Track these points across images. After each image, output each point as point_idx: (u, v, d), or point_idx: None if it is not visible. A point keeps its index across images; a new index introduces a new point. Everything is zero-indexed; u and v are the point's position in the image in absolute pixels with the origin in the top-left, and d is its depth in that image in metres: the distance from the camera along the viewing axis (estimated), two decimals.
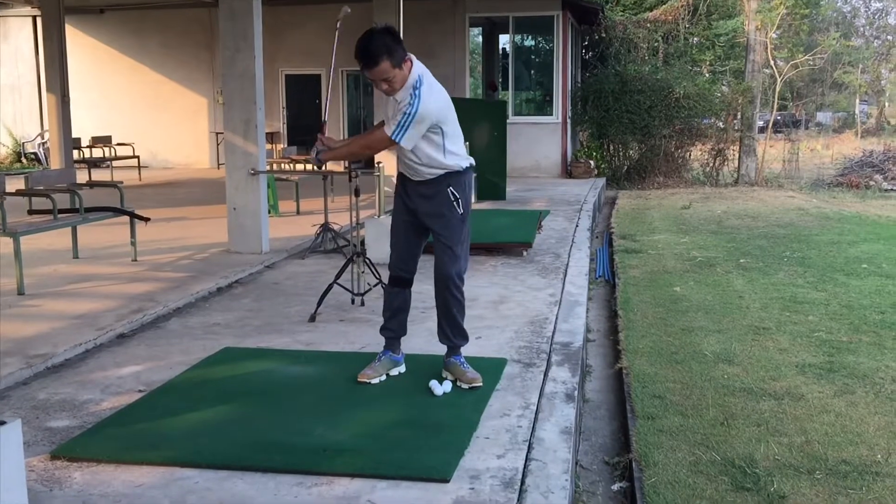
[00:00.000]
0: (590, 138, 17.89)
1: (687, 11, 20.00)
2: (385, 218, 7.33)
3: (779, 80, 20.51)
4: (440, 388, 3.90)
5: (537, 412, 3.75)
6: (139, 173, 15.36)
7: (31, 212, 7.10)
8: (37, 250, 7.54)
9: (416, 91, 3.69)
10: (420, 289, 4.40)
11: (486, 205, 11.09)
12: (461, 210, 3.95)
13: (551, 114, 16.36)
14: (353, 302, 5.71)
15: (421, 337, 4.77)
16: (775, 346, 5.58)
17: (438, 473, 3.06)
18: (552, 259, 7.51)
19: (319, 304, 5.43)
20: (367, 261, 5.71)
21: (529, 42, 18.08)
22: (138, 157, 15.56)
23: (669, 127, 17.46)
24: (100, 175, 14.08)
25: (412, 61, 3.76)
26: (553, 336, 5.00)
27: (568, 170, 16.17)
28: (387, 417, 3.63)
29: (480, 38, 20.75)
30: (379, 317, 4.30)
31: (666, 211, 13.28)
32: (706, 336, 5.83)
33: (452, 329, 4.07)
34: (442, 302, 4.04)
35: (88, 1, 16.80)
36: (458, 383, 3.97)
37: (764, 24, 18.91)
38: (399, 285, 4.12)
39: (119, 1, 17.13)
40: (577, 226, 9.60)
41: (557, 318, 5.41)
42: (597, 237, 10.80)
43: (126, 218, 7.41)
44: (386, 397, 3.89)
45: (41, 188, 7.25)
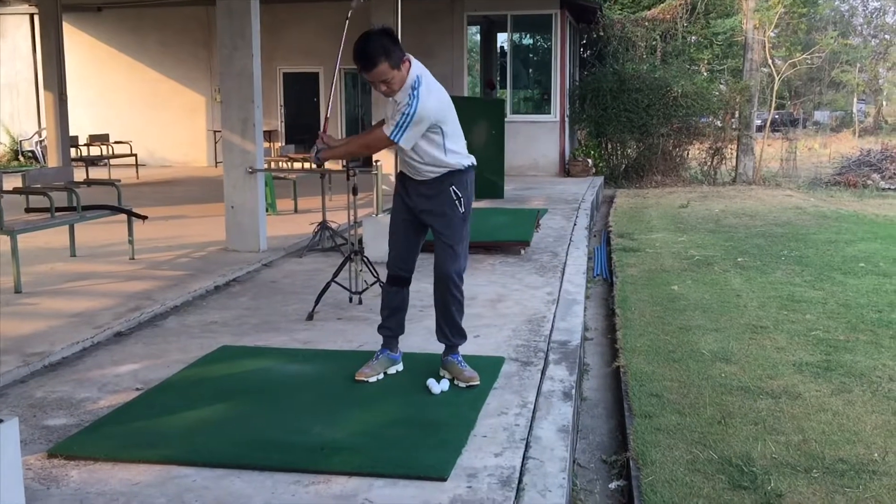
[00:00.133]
0: (588, 137, 17.90)
1: (685, 10, 20.00)
2: (383, 216, 7.33)
3: (777, 79, 20.52)
4: (438, 387, 3.91)
5: (535, 410, 3.75)
6: (137, 171, 15.35)
7: (29, 210, 7.10)
8: (34, 248, 7.54)
9: (415, 92, 3.69)
10: (418, 287, 4.40)
11: (484, 203, 11.08)
12: (462, 209, 3.95)
13: (549, 112, 16.36)
14: (351, 300, 5.71)
15: (419, 335, 4.77)
16: (773, 345, 5.59)
17: (436, 472, 3.06)
18: (550, 258, 7.51)
19: (317, 303, 5.42)
20: (365, 259, 5.72)
21: (527, 40, 18.07)
22: (136, 156, 15.56)
23: (667, 126, 17.47)
24: (97, 173, 14.08)
25: (410, 62, 3.75)
26: (551, 334, 5.00)
27: (566, 168, 16.18)
28: (384, 416, 3.64)
29: (478, 37, 20.75)
30: (377, 315, 4.31)
31: (664, 210, 13.28)
32: (704, 335, 5.83)
33: (451, 328, 4.08)
34: (441, 301, 4.04)
35: None
36: (456, 382, 3.97)
37: (762, 23, 18.92)
38: (398, 284, 4.12)
39: None
40: (575, 224, 9.61)
41: (555, 317, 5.42)
42: (595, 236, 10.79)
43: (123, 216, 7.41)
44: (383, 396, 3.89)
45: (38, 186, 7.25)
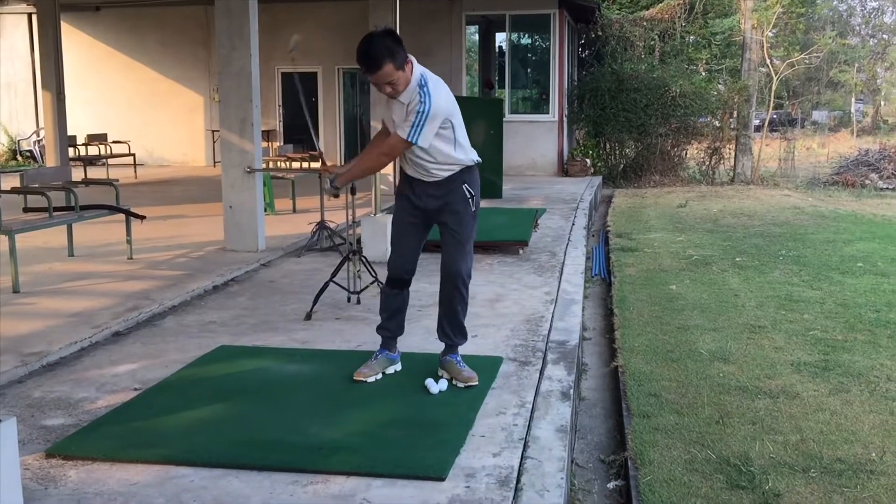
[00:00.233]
0: (586, 136, 17.90)
1: (683, 10, 20.01)
2: (381, 216, 7.33)
3: (775, 79, 20.52)
4: (436, 387, 3.90)
5: (533, 410, 3.75)
6: (135, 171, 15.35)
7: (27, 210, 7.10)
8: (32, 248, 7.53)
9: (424, 89, 3.69)
10: (416, 287, 4.39)
11: (483, 203, 10.91)
12: (473, 207, 3.98)
13: (548, 112, 16.37)
14: (349, 300, 5.71)
15: (417, 335, 4.77)
16: (771, 345, 5.59)
17: (434, 472, 3.06)
18: (548, 257, 7.52)
19: (315, 303, 5.42)
20: (364, 259, 5.72)
21: (526, 40, 18.07)
22: (134, 155, 15.56)
23: (666, 125, 17.47)
24: (95, 173, 14.08)
25: (412, 62, 3.76)
26: (549, 334, 5.00)
27: (564, 168, 16.18)
28: (382, 416, 3.63)
29: (477, 37, 20.75)
30: (375, 315, 4.30)
31: (662, 209, 13.29)
32: (702, 334, 5.84)
33: (454, 327, 4.07)
34: (448, 299, 4.02)
35: None
36: (454, 382, 3.97)
37: (760, 23, 18.93)
38: (399, 287, 4.11)
39: None
40: (574, 224, 9.61)
41: (553, 317, 5.42)
42: (593, 235, 10.80)
43: (122, 216, 7.41)
44: (381, 396, 3.89)
45: (36, 186, 7.24)
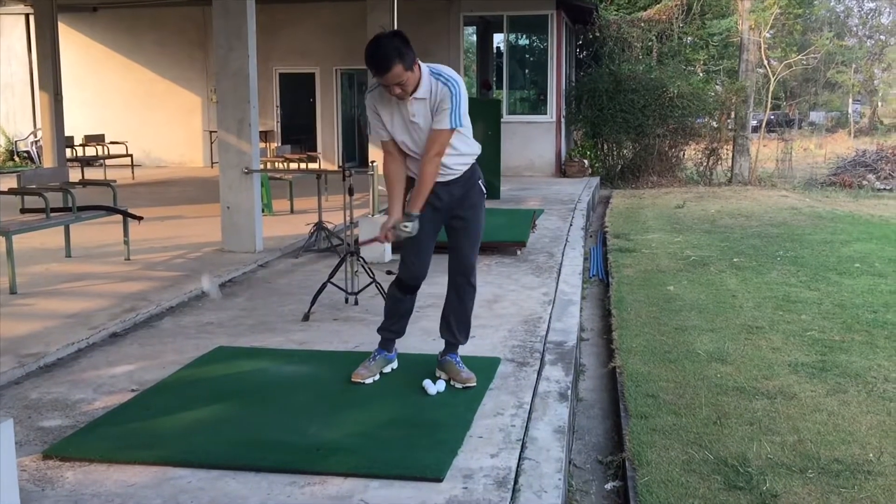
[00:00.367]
0: (584, 137, 17.91)
1: (681, 11, 20.05)
2: (379, 217, 7.32)
3: (772, 80, 20.54)
4: (434, 388, 3.90)
5: (531, 411, 3.75)
6: (132, 172, 15.34)
7: (24, 210, 7.09)
8: (29, 249, 7.52)
9: (442, 77, 3.75)
10: None
11: None
12: (484, 201, 4.10)
13: (545, 113, 16.38)
14: (347, 301, 5.71)
15: (415, 336, 4.76)
16: (768, 345, 5.60)
17: (432, 473, 3.06)
18: (546, 258, 7.52)
19: (313, 303, 5.42)
20: (361, 260, 5.71)
21: (524, 41, 18.08)
22: (131, 156, 15.54)
23: (663, 126, 17.48)
24: (93, 174, 14.06)
25: (419, 62, 3.76)
26: (547, 335, 5.00)
27: (562, 169, 16.19)
28: (380, 417, 3.63)
29: (475, 37, 20.75)
30: (373, 316, 4.31)
31: (660, 210, 13.30)
32: (699, 335, 5.84)
33: (461, 324, 4.05)
34: (459, 294, 4.01)
35: None
36: (452, 382, 3.96)
37: (757, 24, 18.95)
38: (411, 292, 4.09)
39: None
40: (571, 225, 9.61)
41: (551, 318, 5.42)
42: (591, 236, 10.81)
43: (119, 217, 7.40)
44: (379, 396, 3.89)
45: (33, 187, 7.24)
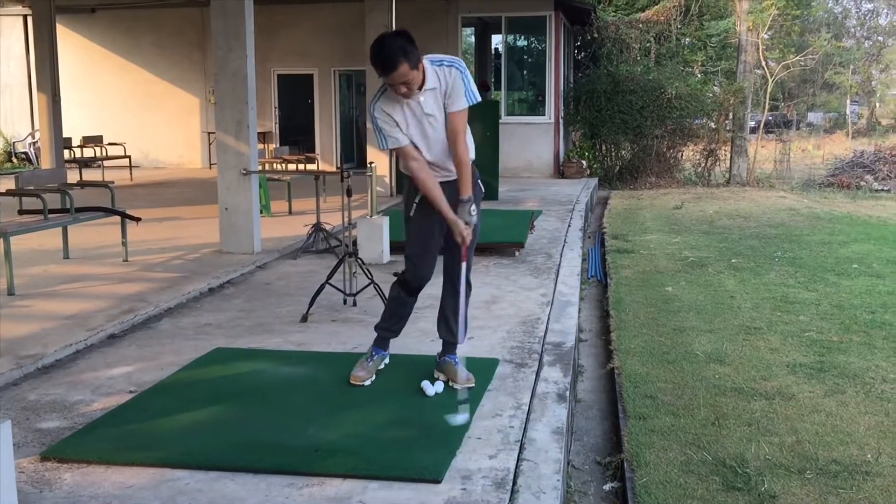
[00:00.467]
0: (582, 138, 17.92)
1: (679, 12, 20.07)
2: (377, 218, 7.32)
3: (770, 81, 20.56)
4: (432, 389, 3.90)
5: (529, 412, 3.75)
6: (130, 173, 15.33)
7: (22, 212, 7.08)
8: (27, 250, 7.52)
9: (445, 62, 3.79)
10: None
11: None
12: (481, 199, 4.08)
13: (544, 114, 16.38)
14: (345, 302, 5.71)
15: (413, 337, 4.76)
16: (766, 346, 5.60)
17: (430, 474, 3.06)
18: (544, 259, 7.52)
19: (311, 305, 5.42)
20: (359, 261, 5.71)
21: (522, 42, 18.09)
22: (129, 157, 15.52)
23: (661, 127, 17.49)
24: (91, 175, 14.05)
25: (423, 61, 3.78)
26: (545, 336, 5.00)
27: (560, 170, 16.19)
28: (378, 418, 3.63)
29: (473, 39, 20.75)
30: (371, 317, 4.31)
31: (658, 211, 13.30)
32: (698, 336, 5.84)
33: (458, 323, 4.05)
34: (456, 293, 4.01)
35: (80, 0, 16.73)
36: (451, 384, 3.97)
37: (755, 25, 18.98)
38: (414, 294, 4.10)
39: (110, 0, 17.06)
40: (570, 226, 9.62)
41: (549, 319, 5.42)
42: (589, 237, 10.81)
43: (117, 218, 7.39)
44: (378, 398, 3.89)
45: (31, 188, 7.23)
